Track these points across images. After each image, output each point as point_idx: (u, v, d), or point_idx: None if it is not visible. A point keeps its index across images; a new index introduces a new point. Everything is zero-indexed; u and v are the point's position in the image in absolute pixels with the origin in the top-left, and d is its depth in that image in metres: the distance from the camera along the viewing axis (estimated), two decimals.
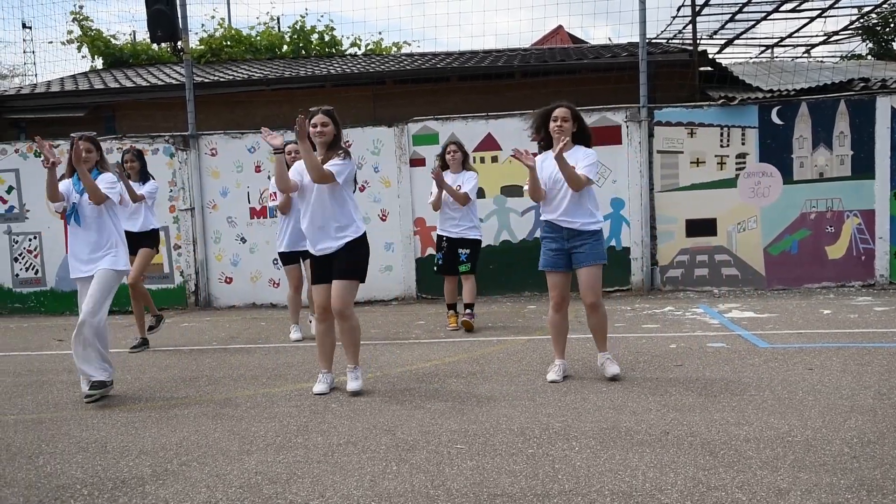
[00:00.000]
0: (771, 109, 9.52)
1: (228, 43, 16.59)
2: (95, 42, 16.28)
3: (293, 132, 5.28)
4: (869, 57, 18.10)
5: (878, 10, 15.17)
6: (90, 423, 4.95)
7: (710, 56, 12.11)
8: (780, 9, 12.62)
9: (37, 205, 10.42)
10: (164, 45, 14.32)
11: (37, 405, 5.48)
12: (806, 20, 13.71)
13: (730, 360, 5.94)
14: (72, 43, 16.71)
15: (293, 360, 6.70)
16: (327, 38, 17.38)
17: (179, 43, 11.14)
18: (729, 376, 5.43)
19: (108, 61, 16.34)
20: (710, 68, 11.60)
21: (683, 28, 13.66)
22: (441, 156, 7.74)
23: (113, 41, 16.54)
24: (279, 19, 18.27)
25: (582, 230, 5.35)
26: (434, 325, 8.15)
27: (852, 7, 13.33)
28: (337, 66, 13.61)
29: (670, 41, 14.03)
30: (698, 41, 12.06)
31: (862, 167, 9.41)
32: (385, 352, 6.83)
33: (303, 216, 5.40)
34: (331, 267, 5.32)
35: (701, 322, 7.69)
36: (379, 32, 21.27)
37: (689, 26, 12.65)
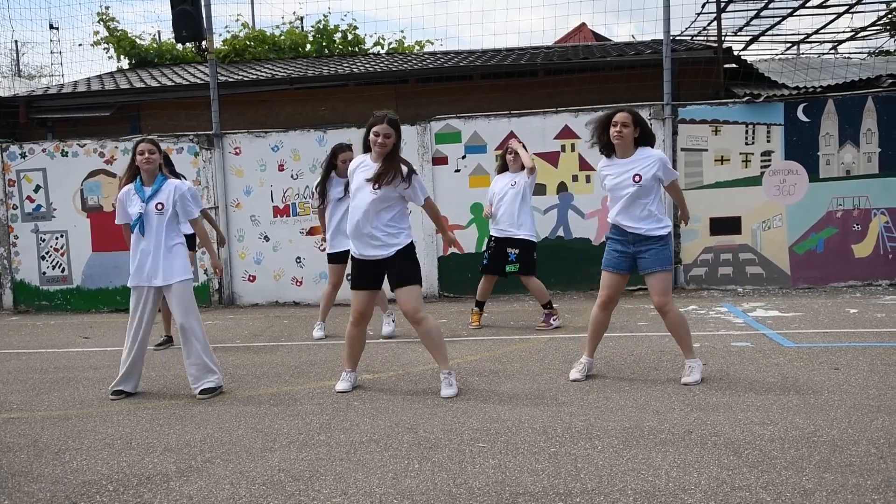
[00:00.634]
0: (797, 106, 9.41)
1: (252, 43, 16.72)
2: (121, 42, 16.49)
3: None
4: None
5: None
6: (116, 419, 5.00)
7: (735, 53, 12.00)
8: (807, 5, 12.46)
9: (63, 203, 10.56)
10: (188, 45, 14.43)
11: (63, 402, 5.55)
12: (833, 16, 13.52)
13: (754, 359, 5.90)
14: (99, 45, 16.94)
15: (316, 357, 6.73)
16: (350, 37, 17.47)
17: (204, 43, 11.21)
18: (753, 376, 5.39)
19: (133, 61, 16.54)
20: (734, 65, 11.49)
21: (708, 25, 13.53)
22: (502, 156, 7.87)
23: (138, 41, 16.74)
24: (303, 19, 18.40)
25: (648, 235, 5.23)
26: (456, 323, 8.15)
27: (880, 3, 13.11)
28: (360, 64, 13.65)
29: (695, 38, 13.90)
30: (723, 38, 11.94)
31: (890, 164, 9.27)
32: (407, 350, 6.84)
33: (350, 219, 5.25)
34: (374, 274, 5.26)
35: (725, 321, 7.63)
36: (401, 31, 21.29)
37: (714, 23, 12.53)
